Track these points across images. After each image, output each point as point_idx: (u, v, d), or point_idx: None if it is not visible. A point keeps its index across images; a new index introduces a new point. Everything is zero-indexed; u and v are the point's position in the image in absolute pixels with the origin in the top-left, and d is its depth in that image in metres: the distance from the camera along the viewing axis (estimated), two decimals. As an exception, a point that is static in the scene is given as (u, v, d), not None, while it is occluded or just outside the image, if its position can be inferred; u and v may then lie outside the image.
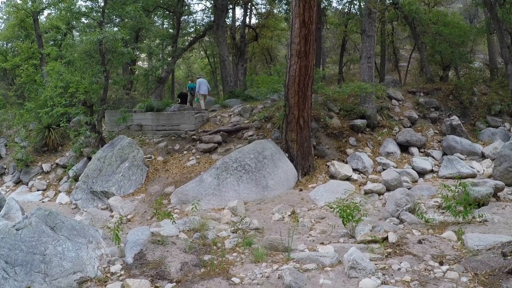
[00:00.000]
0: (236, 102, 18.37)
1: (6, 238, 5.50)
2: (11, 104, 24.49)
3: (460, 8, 33.30)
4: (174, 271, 5.57)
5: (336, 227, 8.52)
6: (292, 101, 12.90)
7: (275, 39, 34.28)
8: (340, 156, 14.43)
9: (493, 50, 24.25)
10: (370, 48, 16.36)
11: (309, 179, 13.06)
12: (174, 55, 24.21)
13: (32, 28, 24.79)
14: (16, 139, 18.33)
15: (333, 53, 36.69)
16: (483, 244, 5.84)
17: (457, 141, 15.13)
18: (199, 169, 13.54)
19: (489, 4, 19.03)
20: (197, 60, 41.70)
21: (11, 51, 29.16)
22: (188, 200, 11.40)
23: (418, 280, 4.99)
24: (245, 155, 12.48)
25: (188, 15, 28.35)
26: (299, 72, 12.50)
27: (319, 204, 10.92)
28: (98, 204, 12.45)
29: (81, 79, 15.22)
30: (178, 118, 16.26)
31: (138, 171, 13.46)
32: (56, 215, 6.11)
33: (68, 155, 16.25)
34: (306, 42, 12.15)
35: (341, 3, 30.28)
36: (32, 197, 14.38)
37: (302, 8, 11.81)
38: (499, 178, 11.18)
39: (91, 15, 18.10)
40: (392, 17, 24.67)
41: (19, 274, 5.16)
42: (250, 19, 31.84)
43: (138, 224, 10.37)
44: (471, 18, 30.96)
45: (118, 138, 14.63)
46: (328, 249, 6.73)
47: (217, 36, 23.37)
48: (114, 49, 15.87)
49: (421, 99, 18.12)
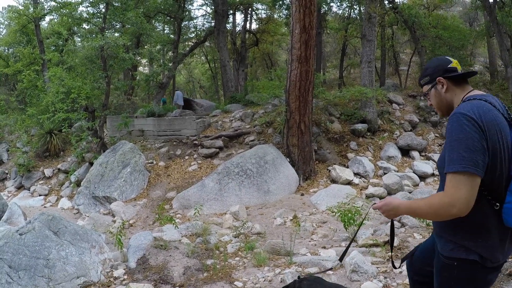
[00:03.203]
0: (237, 107, 18.42)
1: (10, 243, 5.53)
2: (12, 109, 24.53)
3: (460, 11, 33.44)
4: (177, 275, 5.60)
5: (338, 231, 8.54)
6: (293, 106, 12.95)
7: (276, 44, 34.36)
8: (341, 161, 14.47)
9: (493, 53, 24.34)
10: (370, 53, 16.42)
11: (311, 184, 13.09)
12: (175, 60, 24.32)
13: (34, 33, 24.87)
14: (18, 144, 18.39)
15: (333, 57, 36.80)
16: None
17: (458, 144, 15.13)
18: (201, 174, 13.57)
19: (488, 7, 19.12)
20: (198, 66, 41.82)
21: (13, 56, 29.27)
22: (190, 205, 11.42)
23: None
24: (246, 160, 12.51)
25: (189, 20, 28.50)
26: (300, 77, 12.55)
27: (321, 209, 10.94)
28: (100, 209, 12.47)
29: (82, 84, 15.28)
30: (179, 123, 16.30)
31: (140, 176, 13.49)
32: (59, 220, 6.15)
33: (70, 160, 16.28)
34: (306, 47, 12.21)
35: (341, 8, 30.37)
36: (34, 202, 14.39)
37: (303, 14, 11.87)
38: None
39: (93, 21, 18.23)
40: (392, 21, 24.77)
41: (22, 279, 5.18)
42: (250, 24, 32.02)
43: (140, 229, 10.39)
44: (471, 22, 31.07)
45: (119, 143, 14.67)
46: (330, 253, 6.76)
47: (218, 42, 23.46)
48: (115, 54, 15.95)
49: (421, 103, 18.16)
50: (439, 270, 2.57)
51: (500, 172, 2.29)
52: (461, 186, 2.20)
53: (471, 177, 2.19)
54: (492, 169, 2.26)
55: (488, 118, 2.27)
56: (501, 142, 2.28)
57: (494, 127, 2.26)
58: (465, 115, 2.27)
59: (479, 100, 2.38)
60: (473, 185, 2.20)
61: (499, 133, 2.28)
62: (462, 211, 2.22)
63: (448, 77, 2.57)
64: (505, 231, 2.37)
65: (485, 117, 2.26)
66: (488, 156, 2.23)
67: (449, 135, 2.32)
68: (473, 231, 2.37)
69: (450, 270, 2.47)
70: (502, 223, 2.30)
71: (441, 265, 2.53)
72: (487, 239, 2.35)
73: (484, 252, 2.34)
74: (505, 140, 2.30)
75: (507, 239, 2.40)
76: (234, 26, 29.47)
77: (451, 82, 2.58)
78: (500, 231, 2.34)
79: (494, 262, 2.39)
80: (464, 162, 2.19)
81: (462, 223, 2.35)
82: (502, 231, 2.35)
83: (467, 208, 2.21)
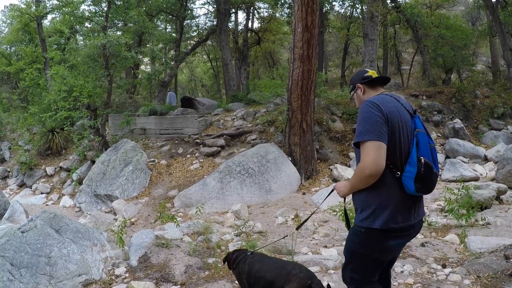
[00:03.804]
0: (239, 106, 18.41)
1: (12, 241, 5.53)
2: (14, 107, 24.57)
3: (462, 11, 33.36)
4: (179, 273, 5.60)
5: (339, 230, 8.53)
6: (295, 105, 12.93)
7: (278, 43, 34.36)
8: (343, 160, 14.46)
9: (495, 52, 24.27)
10: (372, 52, 16.41)
11: (312, 183, 13.08)
12: (177, 59, 24.31)
13: (36, 32, 24.89)
14: (20, 142, 18.41)
15: (335, 56, 36.78)
16: (485, 247, 5.86)
17: (460, 144, 15.13)
18: (203, 172, 13.57)
19: (491, 6, 19.08)
20: (200, 64, 41.83)
21: (15, 55, 29.29)
22: (191, 204, 11.42)
23: (421, 282, 5.02)
24: (248, 159, 12.50)
25: (191, 19, 28.48)
26: (302, 76, 12.53)
27: (322, 208, 10.94)
28: (102, 207, 12.48)
29: (84, 83, 15.28)
30: (181, 122, 16.31)
31: (141, 175, 13.51)
32: (61, 218, 6.15)
33: (71, 159, 16.30)
34: (308, 46, 12.18)
35: (343, 7, 30.34)
36: (36, 200, 14.42)
37: (305, 12, 11.84)
38: (502, 181, 11.18)
39: (95, 19, 18.21)
40: (394, 21, 24.72)
41: (24, 276, 5.19)
42: (252, 23, 32.03)
43: (142, 227, 10.41)
44: (473, 21, 31.00)
45: (121, 141, 14.68)
46: (332, 252, 6.76)
47: (220, 40, 23.45)
48: (117, 53, 15.94)
49: (423, 102, 18.13)
50: (349, 236, 3.20)
51: (400, 148, 2.90)
52: (369, 152, 2.81)
53: (375, 143, 2.80)
54: (393, 145, 2.88)
55: (389, 105, 2.99)
56: (401, 124, 2.94)
57: (394, 112, 2.95)
58: (370, 101, 3.01)
59: (385, 95, 3.17)
60: (378, 149, 2.80)
61: (398, 117, 2.95)
62: (373, 171, 2.81)
63: (364, 83, 3.36)
64: (407, 198, 2.93)
65: (386, 104, 2.98)
66: (388, 130, 2.87)
67: (358, 116, 3.00)
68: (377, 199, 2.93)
69: (359, 236, 3.05)
70: (403, 189, 2.89)
71: (352, 232, 3.16)
72: (386, 206, 2.90)
73: (389, 219, 2.90)
74: (405, 124, 2.97)
75: (410, 205, 2.98)
76: (236, 25, 29.44)
77: (367, 86, 3.37)
78: (403, 197, 2.91)
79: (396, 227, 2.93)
80: (368, 133, 2.84)
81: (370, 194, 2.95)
82: (404, 198, 2.92)
83: (376, 168, 2.79)
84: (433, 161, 2.95)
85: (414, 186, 2.85)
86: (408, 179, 2.84)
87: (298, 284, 3.62)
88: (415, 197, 2.99)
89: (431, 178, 2.90)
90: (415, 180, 2.84)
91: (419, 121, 3.08)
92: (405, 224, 2.95)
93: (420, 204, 3.11)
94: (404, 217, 2.93)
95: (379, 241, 2.97)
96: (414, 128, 3.00)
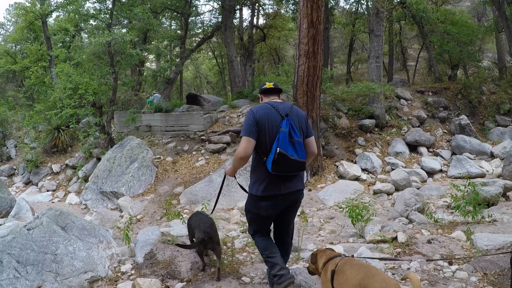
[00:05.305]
0: (245, 103, 18.39)
1: (18, 238, 5.54)
2: (20, 105, 24.68)
3: (468, 6, 33.18)
4: (185, 270, 5.59)
5: (346, 227, 8.52)
6: (300, 101, 12.89)
7: (283, 39, 34.28)
8: (348, 156, 14.42)
9: (501, 48, 24.10)
10: (378, 48, 16.32)
11: (318, 179, 13.05)
12: (182, 56, 24.34)
13: (41, 30, 24.99)
14: (25, 140, 18.50)
15: (341, 52, 36.69)
16: (492, 244, 5.82)
17: (466, 140, 15.06)
18: (208, 169, 13.57)
19: (497, 2, 18.96)
20: (205, 61, 41.84)
21: (20, 53, 29.41)
22: (197, 200, 11.43)
23: (427, 279, 4.99)
24: (253, 156, 12.46)
25: (196, 16, 28.48)
26: (308, 73, 12.48)
27: (328, 204, 10.92)
28: (108, 205, 12.52)
29: (90, 80, 15.31)
30: (186, 119, 16.31)
31: (147, 172, 13.52)
32: (67, 215, 6.15)
33: (77, 156, 16.35)
34: (314, 42, 12.12)
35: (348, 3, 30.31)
36: (42, 198, 14.48)
37: (310, 8, 11.78)
38: (508, 177, 11.12)
39: (99, 17, 18.22)
40: (399, 16, 24.61)
41: (30, 274, 5.19)
42: (257, 20, 31.95)
43: (147, 224, 10.41)
44: (479, 17, 30.84)
45: (127, 138, 14.71)
46: (338, 248, 6.73)
47: (225, 37, 23.43)
48: (122, 50, 15.96)
49: (429, 98, 18.06)
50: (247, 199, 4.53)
51: (265, 141, 4.13)
52: (242, 143, 4.12)
53: (246, 138, 4.10)
54: (261, 138, 4.13)
55: (261, 112, 4.18)
56: (268, 125, 4.13)
57: (263, 116, 4.15)
58: (250, 109, 4.29)
59: (265, 104, 4.31)
60: (247, 142, 4.09)
61: (266, 120, 4.14)
62: (242, 156, 4.12)
63: (261, 93, 4.58)
64: (274, 175, 4.12)
65: (260, 111, 4.18)
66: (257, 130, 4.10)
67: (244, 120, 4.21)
68: (256, 176, 4.30)
69: (248, 198, 4.48)
70: (268, 170, 4.08)
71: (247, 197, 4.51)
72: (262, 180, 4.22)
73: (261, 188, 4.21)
74: (272, 125, 4.14)
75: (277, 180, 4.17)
76: (241, 22, 29.34)
77: (263, 95, 4.56)
78: (270, 175, 4.13)
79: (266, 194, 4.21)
80: (244, 131, 4.12)
81: (253, 172, 4.35)
82: (271, 175, 4.13)
83: (245, 153, 4.10)
84: (295, 151, 4.09)
85: (271, 167, 4.03)
86: (268, 163, 4.06)
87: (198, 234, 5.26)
88: (281, 175, 4.15)
89: (287, 163, 4.03)
90: (272, 163, 4.01)
91: (285, 123, 4.12)
92: (273, 193, 4.20)
93: (291, 180, 4.26)
94: (271, 188, 4.19)
95: (256, 202, 4.33)
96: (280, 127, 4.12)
